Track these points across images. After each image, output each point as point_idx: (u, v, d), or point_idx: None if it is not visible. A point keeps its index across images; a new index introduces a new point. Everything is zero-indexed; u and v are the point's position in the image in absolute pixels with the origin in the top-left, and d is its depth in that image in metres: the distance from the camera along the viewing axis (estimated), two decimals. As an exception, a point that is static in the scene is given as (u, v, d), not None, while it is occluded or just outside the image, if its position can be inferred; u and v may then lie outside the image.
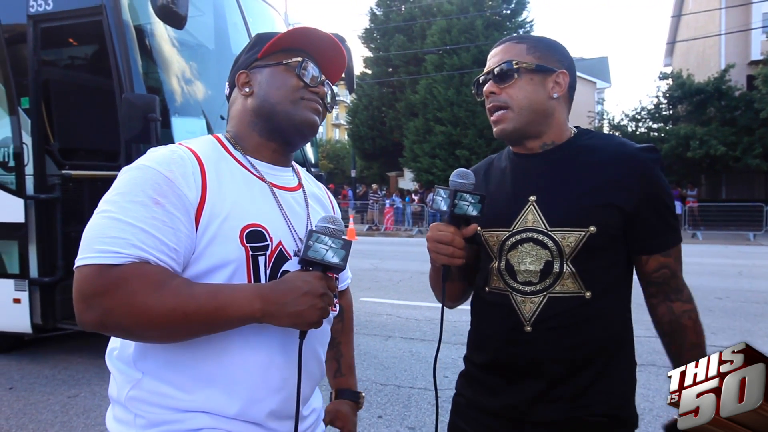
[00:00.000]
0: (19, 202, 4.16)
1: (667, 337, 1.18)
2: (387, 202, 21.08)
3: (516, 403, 1.17)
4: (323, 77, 1.13)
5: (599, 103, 29.64)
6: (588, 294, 1.13)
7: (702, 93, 19.09)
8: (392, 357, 4.65)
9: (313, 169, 5.48)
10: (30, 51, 4.12)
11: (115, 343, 1.05)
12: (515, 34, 1.25)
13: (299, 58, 1.08)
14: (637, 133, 20.66)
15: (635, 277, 1.22)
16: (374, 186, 23.26)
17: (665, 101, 20.78)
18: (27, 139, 4.16)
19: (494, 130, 1.22)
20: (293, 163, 1.21)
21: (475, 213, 1.11)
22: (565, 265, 1.13)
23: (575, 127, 1.25)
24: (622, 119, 21.43)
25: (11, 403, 3.69)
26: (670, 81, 20.44)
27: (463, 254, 1.13)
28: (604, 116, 22.89)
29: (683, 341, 1.16)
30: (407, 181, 24.83)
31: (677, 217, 1.18)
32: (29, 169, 4.17)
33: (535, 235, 1.15)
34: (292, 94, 1.07)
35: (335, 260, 0.94)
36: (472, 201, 1.11)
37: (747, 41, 20.76)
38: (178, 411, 0.96)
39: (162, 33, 4.04)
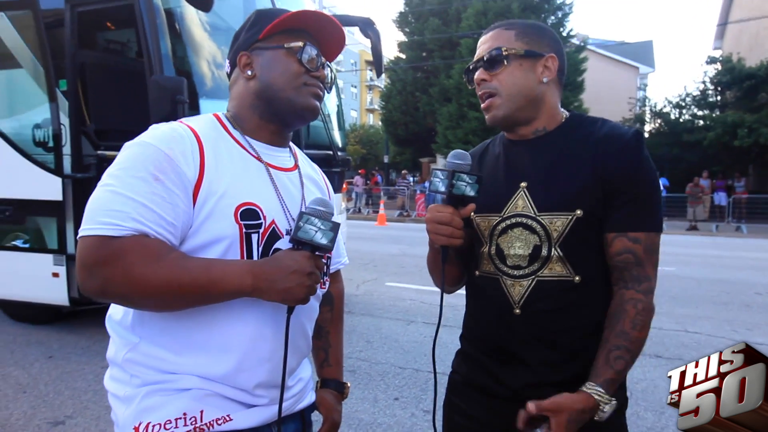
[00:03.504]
0: (57, 181, 4.33)
1: (607, 320, 1.13)
2: (418, 188, 21.01)
3: (510, 384, 1.19)
4: (323, 60, 1.14)
5: (641, 89, 28.57)
6: (577, 278, 1.14)
7: (753, 78, 18.14)
8: (413, 341, 4.67)
9: (339, 153, 5.50)
10: (67, 35, 4.25)
11: (114, 308, 1.10)
12: (505, 21, 1.25)
13: (300, 43, 1.09)
14: (681, 120, 19.84)
15: None
16: (404, 172, 23.20)
17: (712, 87, 19.83)
18: (65, 120, 4.33)
19: (486, 117, 1.23)
20: (291, 144, 1.24)
21: (472, 193, 1.13)
22: (553, 249, 1.14)
23: (568, 111, 1.26)
24: (664, 106, 20.60)
25: (50, 371, 3.90)
26: (718, 65, 19.48)
27: (462, 234, 1.16)
28: (646, 103, 22.04)
29: (616, 325, 1.10)
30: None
31: (658, 206, 1.15)
32: (66, 150, 4.33)
33: (524, 220, 1.17)
34: (294, 80, 1.09)
35: (324, 241, 0.98)
36: (470, 181, 1.13)
37: (806, 23, 19.52)
38: (170, 373, 1.02)
39: (192, 16, 4.09)
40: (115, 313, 1.09)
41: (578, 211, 1.13)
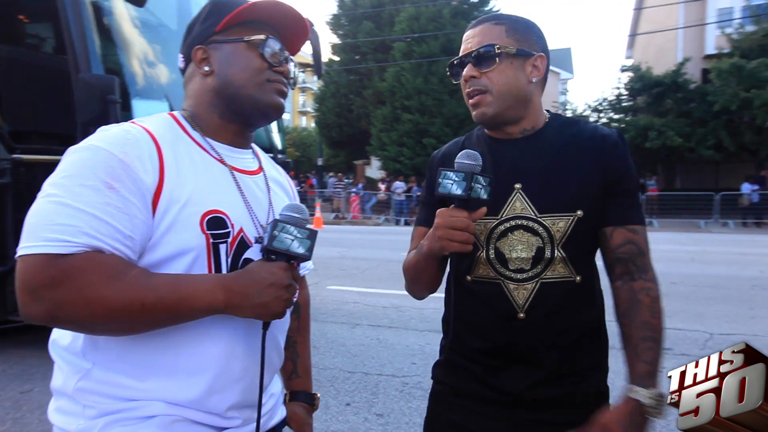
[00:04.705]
0: (-35, 188, 3.91)
1: (623, 317, 1.14)
2: (353, 190, 21.01)
3: (509, 389, 1.17)
4: (287, 54, 1.07)
5: (563, 93, 30.28)
6: (578, 278, 1.15)
7: (660, 85, 19.74)
8: (360, 344, 4.65)
9: (279, 156, 5.38)
10: (-25, 27, 3.86)
11: (60, 332, 0.99)
12: (493, 14, 1.21)
13: (262, 36, 1.01)
14: (599, 123, 21.19)
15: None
16: (339, 174, 23.11)
17: (626, 93, 21.38)
18: (-27, 120, 3.91)
19: (474, 113, 1.19)
20: (253, 145, 1.16)
21: (485, 196, 1.07)
22: (556, 250, 1.13)
23: (546, 110, 1.26)
24: (584, 110, 21.94)
25: (-40, 400, 3.50)
26: (630, 73, 21.02)
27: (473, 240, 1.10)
28: (567, 107, 23.38)
29: (635, 318, 1.11)
30: (374, 169, 24.78)
31: (640, 202, 1.21)
32: (-24, 153, 3.92)
33: (525, 222, 1.14)
34: (256, 76, 1.01)
35: (300, 250, 0.91)
36: (484, 183, 1.07)
37: (702, 36, 21.52)
38: (131, 399, 0.92)
39: (121, 11, 3.84)
40: (61, 337, 0.98)
41: (579, 212, 1.12)
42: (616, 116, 21.50)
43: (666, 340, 1.17)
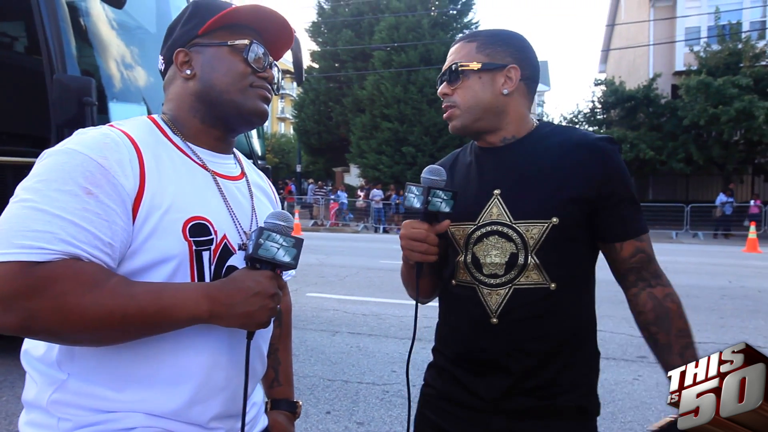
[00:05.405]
0: (-71, 190, 3.75)
1: (653, 325, 1.14)
2: (332, 197, 21.00)
3: (485, 396, 1.18)
4: (271, 59, 1.06)
5: (540, 105, 30.92)
6: (553, 285, 1.14)
7: (632, 99, 20.30)
8: (340, 352, 4.61)
9: (259, 162, 5.34)
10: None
11: (33, 342, 0.95)
12: (470, 32, 1.26)
13: (246, 41, 1.00)
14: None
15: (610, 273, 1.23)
16: (320, 183, 23.10)
17: (600, 106, 21.93)
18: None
19: (449, 125, 1.25)
20: (235, 150, 1.14)
21: (447, 209, 1.13)
22: (529, 257, 1.14)
23: (537, 119, 1.27)
24: (560, 121, 22.42)
25: None
26: (604, 87, 21.58)
27: (437, 251, 1.14)
28: (544, 118, 23.85)
29: (670, 327, 1.12)
30: (353, 176, 24.79)
31: (640, 207, 1.22)
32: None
33: (500, 228, 1.16)
34: (240, 81, 1.00)
35: (287, 259, 0.90)
36: (445, 197, 1.13)
37: (672, 53, 22.23)
38: (109, 411, 0.89)
39: (99, 12, 3.76)
40: (34, 347, 0.94)
41: (554, 219, 1.13)
42: (591, 128, 22.02)
43: (641, 348, 1.19)
